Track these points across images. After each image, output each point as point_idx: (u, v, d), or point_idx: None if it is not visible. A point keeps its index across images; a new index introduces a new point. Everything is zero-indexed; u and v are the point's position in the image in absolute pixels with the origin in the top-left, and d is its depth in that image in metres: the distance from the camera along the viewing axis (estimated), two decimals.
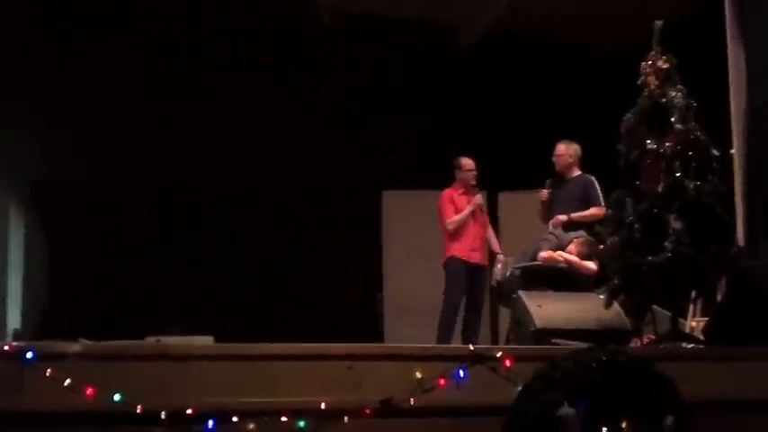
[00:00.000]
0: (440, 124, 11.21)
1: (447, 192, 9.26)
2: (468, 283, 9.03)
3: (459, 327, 8.90)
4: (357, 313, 10.28)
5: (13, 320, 9.88)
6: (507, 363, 4.14)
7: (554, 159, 8.53)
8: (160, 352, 4.09)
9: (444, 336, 8.78)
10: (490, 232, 9.33)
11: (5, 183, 10.14)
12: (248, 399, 3.89)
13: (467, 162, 9.26)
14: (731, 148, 6.91)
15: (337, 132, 10.87)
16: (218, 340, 4.61)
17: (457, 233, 9.08)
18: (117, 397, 3.76)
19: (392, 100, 11.10)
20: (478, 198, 9.17)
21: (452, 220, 9.07)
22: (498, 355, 4.17)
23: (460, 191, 9.20)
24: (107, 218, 9.94)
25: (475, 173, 9.17)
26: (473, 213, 9.10)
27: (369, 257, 11.00)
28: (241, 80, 10.61)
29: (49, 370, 3.76)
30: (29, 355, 3.81)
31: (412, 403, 3.98)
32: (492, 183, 9.96)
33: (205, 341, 4.51)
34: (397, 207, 11.31)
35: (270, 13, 10.52)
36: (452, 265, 9.07)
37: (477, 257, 9.07)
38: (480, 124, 11.24)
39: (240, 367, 3.99)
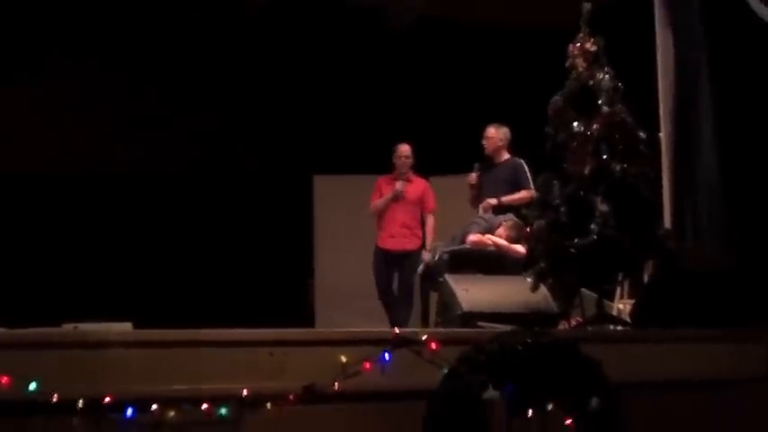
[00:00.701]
0: (372, 108, 11.14)
1: (379, 179, 9.41)
2: (392, 269, 9.13)
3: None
4: (287, 300, 10.19)
5: None
6: (432, 346, 4.09)
7: (483, 143, 8.54)
8: (77, 339, 3.98)
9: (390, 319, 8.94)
10: (429, 223, 9.34)
11: None
12: (168, 386, 3.81)
13: (398, 148, 9.32)
14: (659, 131, 6.93)
15: (268, 116, 10.77)
16: (137, 327, 4.51)
17: (379, 220, 9.27)
18: (32, 386, 3.66)
19: (323, 83, 11.02)
20: (398, 185, 9.23)
21: (371, 205, 9.32)
22: (423, 338, 4.13)
23: (392, 178, 9.25)
24: (22, 202, 9.70)
25: (404, 159, 9.21)
26: (396, 200, 9.18)
27: (300, 244, 10.91)
28: (165, 63, 10.45)
29: None
30: None
31: (336, 388, 3.93)
32: (423, 167, 9.92)
33: (124, 328, 4.41)
34: (329, 192, 11.24)
35: None
36: (375, 251, 9.29)
37: (394, 244, 9.19)
38: (411, 109, 11.20)
39: (159, 354, 3.90)
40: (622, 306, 6.86)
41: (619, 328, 5.54)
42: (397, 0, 11.34)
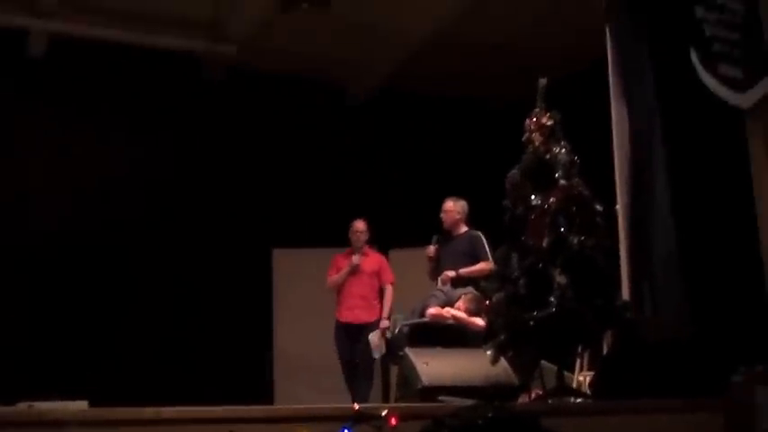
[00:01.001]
0: (330, 182, 11.18)
1: (336, 255, 9.61)
2: (353, 341, 9.12)
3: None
4: (246, 373, 10.09)
5: None
6: (393, 421, 4.05)
7: (441, 216, 8.59)
8: (33, 419, 3.90)
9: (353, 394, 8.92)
10: (387, 294, 9.37)
11: None
12: None
13: (353, 224, 9.51)
14: (616, 204, 6.99)
15: (227, 189, 10.76)
16: (93, 404, 4.45)
17: (338, 294, 9.45)
18: None
19: (283, 157, 11.05)
20: (354, 258, 9.40)
21: (328, 281, 9.50)
22: (383, 413, 4.08)
23: (348, 252, 9.40)
24: None
25: (359, 234, 9.35)
26: (353, 273, 9.32)
27: (259, 316, 10.85)
28: (124, 134, 10.45)
29: None
30: None
31: None
32: (382, 240, 9.95)
33: (79, 406, 4.35)
34: (288, 265, 11.21)
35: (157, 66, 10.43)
36: (336, 325, 9.41)
37: (353, 317, 9.29)
38: (370, 183, 11.26)
39: None
40: (582, 378, 6.85)
41: (579, 400, 5.53)
42: (355, 73, 11.47)
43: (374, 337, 8.81)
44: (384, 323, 8.84)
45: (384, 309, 9.24)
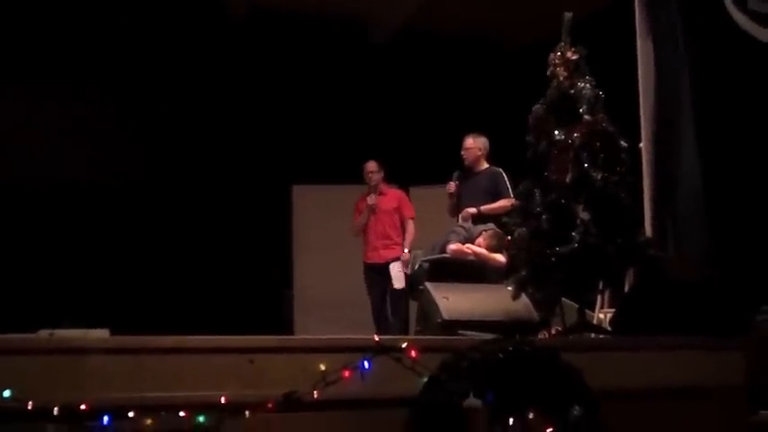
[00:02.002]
0: (351, 119, 11.15)
1: (359, 198, 9.59)
2: (382, 281, 9.12)
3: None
4: (266, 309, 10.14)
5: None
6: (413, 353, 4.05)
7: (462, 153, 8.54)
8: (53, 346, 3.91)
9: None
10: (408, 229, 9.38)
11: None
12: (145, 393, 3.75)
13: (365, 166, 9.51)
14: (640, 141, 6.93)
15: (248, 126, 10.75)
16: (114, 333, 4.45)
17: (363, 236, 9.43)
18: (6, 393, 3.59)
19: (303, 94, 11.02)
20: (369, 199, 9.41)
21: (351, 225, 9.55)
22: (404, 345, 4.08)
23: (365, 194, 9.49)
24: None
25: (370, 175, 9.41)
26: (372, 214, 9.35)
27: (278, 253, 10.87)
28: (148, 71, 10.42)
29: None
30: None
31: (315, 396, 3.87)
32: (403, 178, 9.94)
33: (101, 334, 4.35)
34: (307, 201, 11.22)
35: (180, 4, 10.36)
36: (363, 267, 9.45)
37: (375, 257, 9.33)
38: (391, 120, 11.21)
39: (137, 361, 3.83)
40: (603, 315, 6.85)
41: (599, 336, 5.51)
42: (378, 13, 11.38)
43: (394, 269, 8.82)
44: (405, 256, 8.84)
45: (405, 243, 9.25)
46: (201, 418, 3.73)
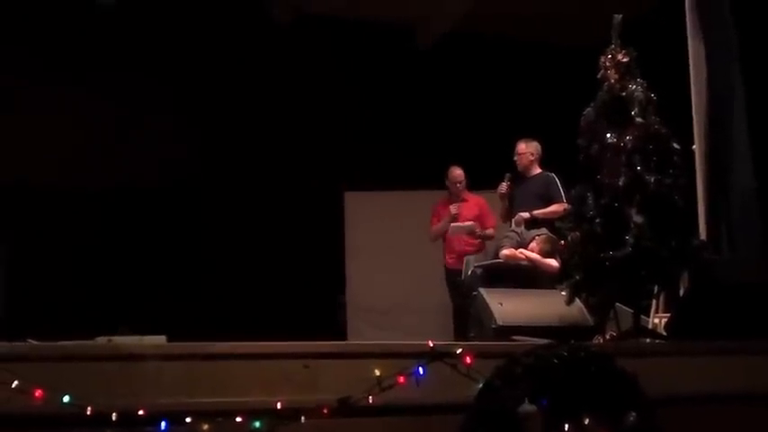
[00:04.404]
0: (402, 125, 11.15)
1: (437, 204, 9.49)
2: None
3: None
4: (319, 315, 10.18)
5: None
6: (467, 359, 4.04)
7: (515, 159, 8.52)
8: (111, 352, 3.97)
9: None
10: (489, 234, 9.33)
11: None
12: (202, 399, 3.79)
13: (451, 173, 9.38)
14: (692, 143, 6.88)
15: (301, 132, 10.79)
16: (171, 340, 4.50)
17: (444, 242, 9.33)
18: (66, 398, 3.64)
19: (355, 100, 11.04)
20: (452, 208, 9.26)
21: (430, 231, 9.36)
22: (458, 351, 4.08)
23: (447, 201, 9.34)
24: (56, 218, 9.76)
25: (457, 183, 9.27)
26: (454, 220, 9.19)
27: (331, 259, 10.90)
28: (200, 77, 10.51)
29: None
30: None
31: (370, 401, 3.88)
32: None
33: (157, 340, 4.40)
34: (360, 208, 11.24)
35: (227, 9, 10.43)
36: (444, 273, 9.31)
37: (457, 264, 9.10)
38: (442, 125, 11.20)
39: (193, 366, 3.88)
40: (658, 320, 6.79)
41: (654, 341, 5.47)
42: (425, 18, 11.39)
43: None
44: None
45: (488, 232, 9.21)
46: (257, 424, 3.75)
